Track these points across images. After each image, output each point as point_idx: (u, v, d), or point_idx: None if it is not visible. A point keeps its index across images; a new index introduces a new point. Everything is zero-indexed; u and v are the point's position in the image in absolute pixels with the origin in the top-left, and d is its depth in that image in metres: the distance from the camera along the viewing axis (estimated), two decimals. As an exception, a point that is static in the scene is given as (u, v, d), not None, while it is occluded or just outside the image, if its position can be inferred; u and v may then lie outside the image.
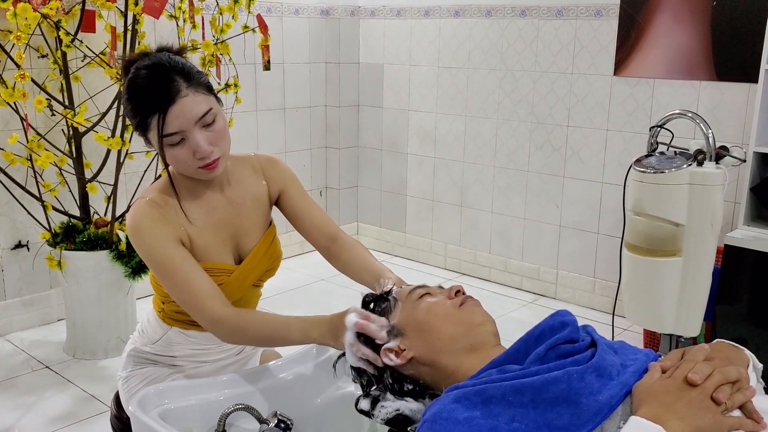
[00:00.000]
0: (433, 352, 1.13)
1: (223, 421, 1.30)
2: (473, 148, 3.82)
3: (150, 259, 1.42)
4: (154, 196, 1.45)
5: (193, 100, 1.34)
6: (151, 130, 1.36)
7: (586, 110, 3.35)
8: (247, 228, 1.54)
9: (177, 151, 1.36)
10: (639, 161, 2.35)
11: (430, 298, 1.20)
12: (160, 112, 1.32)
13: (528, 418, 0.93)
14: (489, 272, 3.87)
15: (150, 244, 1.40)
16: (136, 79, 1.36)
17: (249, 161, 1.58)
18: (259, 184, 1.57)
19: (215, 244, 1.48)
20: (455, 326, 1.14)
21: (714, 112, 2.95)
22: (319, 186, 4.34)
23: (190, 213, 1.46)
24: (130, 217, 1.43)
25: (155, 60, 1.37)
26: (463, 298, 1.19)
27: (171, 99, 1.32)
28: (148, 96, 1.34)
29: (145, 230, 1.40)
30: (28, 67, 2.89)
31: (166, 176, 1.48)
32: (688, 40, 2.98)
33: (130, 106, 1.38)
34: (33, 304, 3.17)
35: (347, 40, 4.17)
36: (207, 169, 1.39)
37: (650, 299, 2.36)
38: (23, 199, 2.80)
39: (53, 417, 2.44)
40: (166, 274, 1.40)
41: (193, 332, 1.55)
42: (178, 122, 1.33)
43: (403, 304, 1.22)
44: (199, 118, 1.35)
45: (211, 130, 1.37)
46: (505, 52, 3.59)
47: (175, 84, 1.33)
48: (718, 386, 0.91)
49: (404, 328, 1.18)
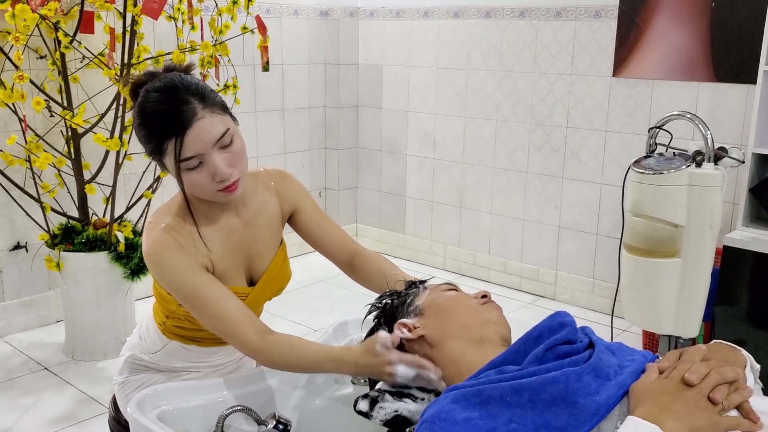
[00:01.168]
0: (443, 335, 1.17)
1: (221, 423, 1.30)
2: (472, 149, 3.82)
3: (176, 291, 1.36)
4: (171, 222, 1.38)
5: (210, 121, 1.28)
6: (167, 155, 1.29)
7: (585, 111, 3.36)
8: (261, 250, 1.50)
9: (195, 175, 1.30)
10: (638, 162, 2.36)
11: (457, 293, 1.27)
12: (177, 136, 1.26)
13: (526, 418, 0.93)
14: (488, 273, 3.87)
15: (174, 275, 1.34)
16: (148, 102, 1.29)
17: (260, 178, 1.52)
18: (272, 202, 1.52)
19: (231, 268, 1.44)
20: (471, 317, 1.19)
21: (713, 113, 2.95)
22: (319, 187, 4.34)
23: (209, 239, 1.40)
24: (147, 246, 1.36)
25: (167, 81, 1.31)
26: (488, 300, 1.25)
27: (187, 122, 1.27)
28: (162, 120, 1.27)
29: (167, 261, 1.34)
30: (27, 68, 2.90)
31: (180, 200, 1.42)
32: (686, 41, 2.99)
33: (143, 132, 1.31)
34: (32, 306, 3.16)
35: (346, 41, 4.17)
36: (226, 192, 1.33)
37: (649, 300, 2.36)
38: (22, 201, 2.80)
39: (52, 418, 2.44)
40: (195, 304, 1.35)
41: (193, 346, 1.53)
42: (195, 146, 1.27)
43: (430, 291, 1.28)
44: (217, 140, 1.29)
45: (229, 151, 1.32)
46: (504, 54, 3.60)
47: (190, 106, 1.27)
48: (715, 386, 0.91)
49: (424, 310, 1.23)
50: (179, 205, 1.42)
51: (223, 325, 1.34)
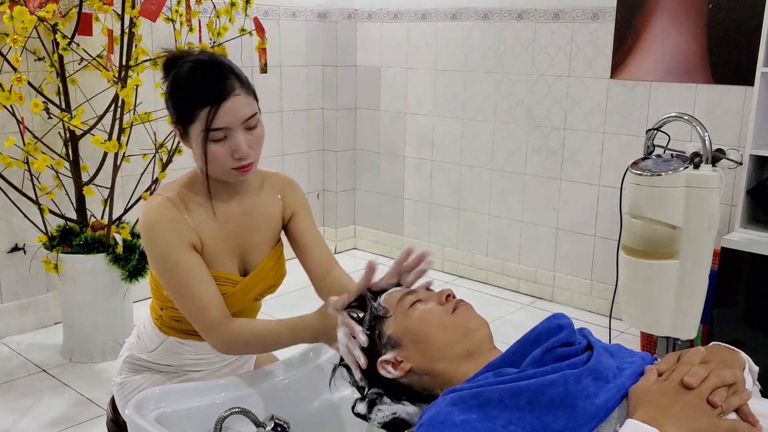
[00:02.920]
0: (430, 361, 1.13)
1: (219, 425, 1.30)
2: (470, 151, 3.83)
3: (158, 260, 1.40)
4: (172, 196, 1.43)
5: (244, 100, 1.36)
6: (196, 122, 1.34)
7: (583, 113, 3.36)
8: (257, 242, 1.53)
9: (217, 147, 1.35)
10: (635, 164, 2.36)
11: (422, 306, 1.18)
12: (213, 105, 1.32)
13: (524, 421, 0.93)
14: (486, 275, 3.87)
15: (161, 244, 1.39)
16: (190, 69, 1.36)
17: (269, 178, 1.57)
18: (275, 201, 1.56)
19: (224, 253, 1.47)
20: (450, 333, 1.13)
21: (710, 114, 2.96)
22: (317, 189, 4.34)
23: (206, 219, 1.44)
24: (144, 213, 1.41)
25: (210, 56, 1.39)
26: (455, 303, 1.18)
27: (225, 95, 1.33)
28: (202, 88, 1.34)
29: (159, 230, 1.39)
30: (25, 69, 2.89)
31: (186, 177, 1.47)
32: (684, 43, 2.99)
33: (179, 95, 1.37)
34: (30, 308, 3.16)
35: (344, 43, 4.18)
36: (241, 171, 1.39)
37: (647, 302, 2.36)
38: (20, 202, 2.80)
39: (50, 420, 2.43)
40: (171, 278, 1.39)
41: (190, 341, 1.54)
42: (227, 118, 1.33)
43: (395, 314, 1.19)
44: (246, 120, 1.36)
45: (252, 134, 1.38)
46: (502, 55, 3.60)
47: (229, 82, 1.35)
48: (714, 389, 0.91)
49: (400, 339, 1.16)
50: (185, 181, 1.47)
51: (191, 305, 1.38)
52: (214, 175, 1.40)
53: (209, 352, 1.56)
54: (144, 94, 2.99)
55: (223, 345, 1.40)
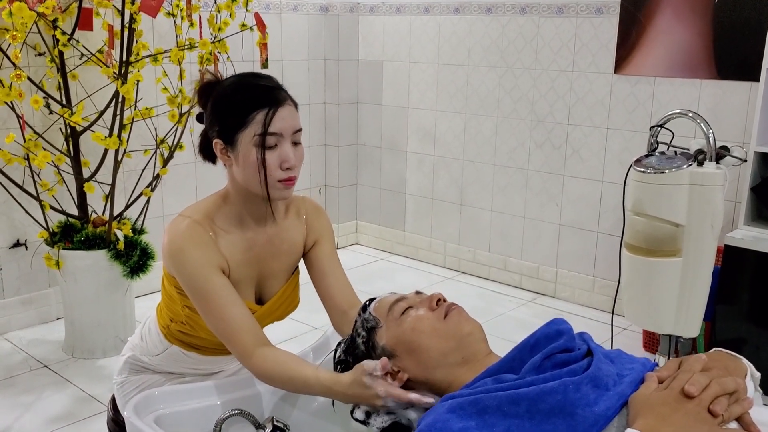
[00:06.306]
0: (427, 371, 1.11)
1: (219, 427, 1.29)
2: (473, 146, 3.81)
3: (188, 284, 1.37)
4: (200, 219, 1.40)
5: (295, 112, 1.38)
6: (249, 127, 1.32)
7: (587, 108, 3.34)
8: (276, 271, 1.50)
9: (268, 155, 1.33)
10: (639, 161, 2.34)
11: (413, 312, 1.16)
12: (271, 108, 1.33)
13: (523, 428, 0.92)
14: (488, 271, 3.86)
15: (191, 267, 1.35)
16: (242, 79, 1.38)
17: (295, 203, 1.54)
18: (300, 229, 1.52)
19: (244, 281, 1.44)
20: (444, 341, 1.12)
21: (715, 110, 2.94)
22: (318, 184, 4.33)
23: (232, 243, 1.41)
24: (171, 236, 1.38)
25: (258, 72, 1.42)
26: (447, 308, 1.16)
27: (281, 101, 1.35)
28: (260, 91, 1.34)
29: (189, 252, 1.35)
30: (26, 65, 2.88)
31: (211, 201, 1.44)
32: (689, 38, 2.97)
33: (231, 100, 1.35)
34: (31, 303, 3.16)
35: (346, 36, 4.16)
36: (286, 184, 1.36)
37: (649, 300, 2.35)
38: (21, 198, 2.79)
39: (52, 417, 2.43)
40: (203, 301, 1.35)
41: (193, 354, 1.53)
42: (282, 124, 1.34)
43: (386, 324, 1.18)
44: (295, 131, 1.37)
45: (297, 149, 1.38)
46: (505, 50, 3.58)
47: (282, 93, 1.37)
48: (715, 398, 0.90)
49: (394, 349, 1.15)
50: (211, 204, 1.44)
51: (225, 328, 1.34)
52: (256, 189, 1.36)
53: (211, 363, 1.55)
54: (145, 90, 2.98)
55: (256, 376, 1.36)
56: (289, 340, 2.91)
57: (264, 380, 1.35)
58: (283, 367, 1.30)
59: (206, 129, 1.43)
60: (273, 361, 1.31)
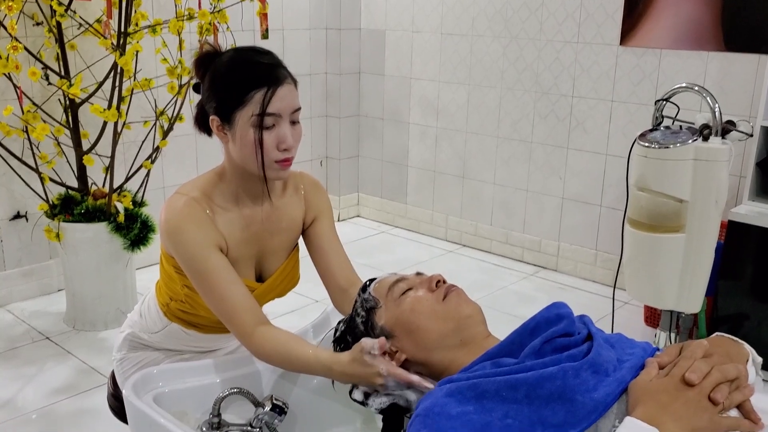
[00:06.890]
0: (425, 351, 1.11)
1: (218, 405, 1.29)
2: (476, 117, 3.77)
3: (187, 264, 1.35)
4: (197, 196, 1.37)
5: (294, 91, 1.34)
6: (247, 106, 1.29)
7: (592, 80, 3.29)
8: (275, 248, 1.48)
9: (265, 135, 1.30)
10: (643, 136, 2.31)
11: (412, 293, 1.16)
12: (270, 87, 1.29)
13: (522, 414, 0.92)
14: (490, 244, 3.85)
15: (189, 246, 1.33)
16: (242, 55, 1.34)
17: (293, 179, 1.51)
18: (298, 206, 1.50)
19: (243, 259, 1.43)
20: (443, 323, 1.11)
21: (721, 83, 2.89)
22: (320, 156, 4.30)
23: (230, 221, 1.40)
24: (168, 214, 1.36)
25: (256, 47, 1.37)
26: (446, 289, 1.15)
27: (281, 80, 1.31)
28: (259, 69, 1.31)
29: (186, 231, 1.33)
30: (23, 35, 2.84)
31: (209, 177, 1.41)
32: (696, 9, 2.91)
33: (230, 77, 1.31)
34: (33, 275, 3.16)
35: (348, 5, 4.09)
36: (283, 165, 1.34)
37: (652, 276, 2.34)
38: (21, 170, 2.77)
39: (53, 389, 2.45)
40: (202, 280, 1.34)
41: (193, 331, 1.52)
42: (280, 104, 1.30)
43: (385, 304, 1.17)
44: (294, 111, 1.34)
45: (295, 129, 1.35)
46: (510, 20, 3.52)
47: (282, 70, 1.33)
48: (716, 385, 0.89)
49: (392, 330, 1.15)
50: (208, 182, 1.41)
51: (225, 308, 1.33)
52: (252, 168, 1.34)
53: (210, 341, 1.55)
54: (144, 60, 2.94)
55: (256, 356, 1.36)
56: (290, 312, 2.91)
57: (263, 359, 1.35)
58: (284, 346, 1.30)
59: (203, 102, 1.40)
60: (273, 341, 1.31)
